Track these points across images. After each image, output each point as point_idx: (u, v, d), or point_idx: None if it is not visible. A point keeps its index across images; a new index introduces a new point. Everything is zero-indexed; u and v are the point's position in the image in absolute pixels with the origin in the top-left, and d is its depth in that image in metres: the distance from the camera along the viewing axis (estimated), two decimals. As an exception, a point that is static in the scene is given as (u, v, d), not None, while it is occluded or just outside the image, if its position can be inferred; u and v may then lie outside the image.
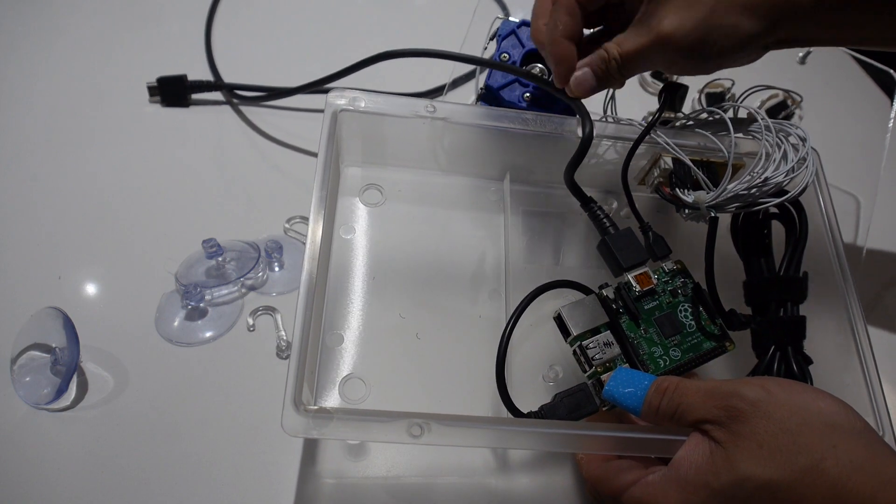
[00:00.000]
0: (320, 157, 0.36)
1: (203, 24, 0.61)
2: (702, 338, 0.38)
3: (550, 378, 0.38)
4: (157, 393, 0.39)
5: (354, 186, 0.42)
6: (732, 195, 0.37)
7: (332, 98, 0.38)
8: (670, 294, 0.39)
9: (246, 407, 0.39)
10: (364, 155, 0.42)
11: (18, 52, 0.58)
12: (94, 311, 0.42)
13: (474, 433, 0.30)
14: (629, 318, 0.38)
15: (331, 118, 0.37)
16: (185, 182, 0.50)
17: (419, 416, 0.29)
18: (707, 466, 0.29)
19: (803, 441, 0.28)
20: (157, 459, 0.36)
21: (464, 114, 0.39)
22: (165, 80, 0.54)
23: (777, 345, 0.38)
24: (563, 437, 0.31)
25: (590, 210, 0.40)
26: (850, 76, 0.69)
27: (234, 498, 0.35)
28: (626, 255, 0.38)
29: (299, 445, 0.37)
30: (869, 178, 0.56)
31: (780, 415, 0.28)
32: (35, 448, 0.36)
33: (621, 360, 0.36)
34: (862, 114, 0.67)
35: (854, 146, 0.62)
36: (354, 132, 0.40)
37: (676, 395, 0.31)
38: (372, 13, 0.66)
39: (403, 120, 0.39)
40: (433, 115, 0.38)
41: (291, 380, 0.30)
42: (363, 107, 0.38)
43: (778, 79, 0.49)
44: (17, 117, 0.53)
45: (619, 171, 0.40)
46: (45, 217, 0.46)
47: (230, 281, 0.43)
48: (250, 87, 0.55)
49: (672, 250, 0.39)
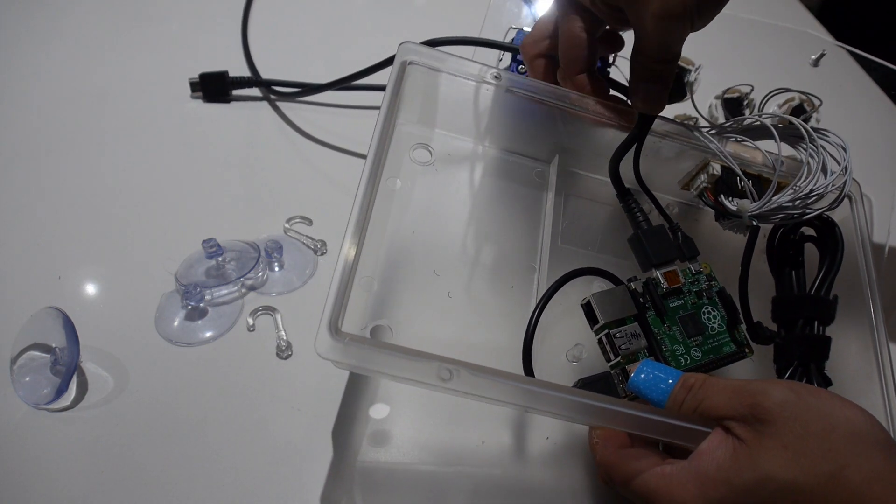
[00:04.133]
0: (383, 107, 0.35)
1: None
2: (723, 341, 0.38)
3: (574, 357, 0.37)
4: (157, 393, 0.39)
5: (406, 143, 0.42)
6: (776, 206, 0.37)
7: (403, 50, 0.37)
8: (695, 295, 0.39)
9: (246, 407, 0.38)
10: (420, 114, 0.41)
11: (19, 52, 0.58)
12: (94, 311, 0.42)
13: (501, 387, 0.30)
14: (654, 314, 0.38)
15: (399, 69, 0.37)
16: (185, 182, 0.50)
17: (450, 362, 0.29)
18: (729, 463, 0.28)
19: (828, 447, 0.27)
20: (157, 459, 0.36)
21: (528, 86, 0.39)
22: (208, 76, 0.56)
23: (800, 361, 0.38)
24: (589, 408, 0.31)
25: (625, 202, 0.40)
26: (860, 78, 0.69)
27: (234, 498, 0.35)
28: (656, 250, 0.39)
29: (301, 447, 0.37)
30: (882, 178, 0.56)
31: (807, 418, 0.28)
32: (35, 448, 0.36)
33: (645, 353, 0.37)
34: (873, 114, 0.67)
35: (867, 149, 0.62)
36: (417, 88, 0.39)
37: (702, 392, 0.31)
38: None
39: (467, 83, 0.38)
40: (497, 84, 0.38)
41: (330, 302, 0.29)
42: (431, 64, 0.38)
43: (790, 81, 0.49)
44: (18, 117, 0.53)
45: (671, 171, 0.40)
46: (45, 217, 0.46)
47: (230, 281, 0.43)
48: (277, 83, 0.56)
49: (700, 252, 0.40)
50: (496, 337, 0.37)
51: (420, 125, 0.42)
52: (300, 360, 0.41)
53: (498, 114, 0.41)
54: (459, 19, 0.67)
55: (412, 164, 0.41)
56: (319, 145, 0.55)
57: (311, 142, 0.55)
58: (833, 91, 0.56)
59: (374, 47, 0.64)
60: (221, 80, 0.55)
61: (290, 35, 0.64)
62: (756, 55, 0.67)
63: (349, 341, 0.29)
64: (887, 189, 0.53)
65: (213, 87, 0.55)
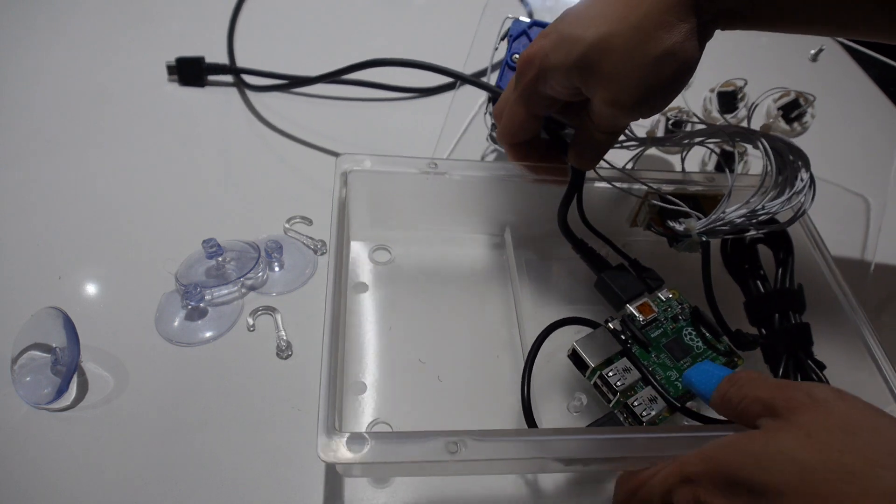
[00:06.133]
0: (333, 218, 0.38)
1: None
2: (711, 356, 0.39)
3: (575, 408, 0.38)
4: (157, 393, 0.39)
5: (364, 247, 0.45)
6: (725, 222, 0.39)
7: (341, 162, 0.40)
8: (672, 320, 0.40)
9: (246, 407, 0.39)
10: (371, 216, 0.44)
11: (18, 53, 0.58)
12: (94, 311, 0.42)
13: (512, 445, 0.30)
14: (639, 347, 0.39)
15: (340, 179, 0.40)
16: (185, 181, 0.50)
17: (453, 434, 0.30)
18: (741, 437, 0.27)
19: (861, 445, 0.25)
20: (157, 459, 0.36)
21: (463, 168, 0.42)
22: (183, 60, 0.57)
23: (787, 352, 0.38)
24: (605, 442, 0.31)
25: (582, 251, 0.42)
26: (857, 74, 0.69)
27: (234, 498, 0.35)
28: (623, 287, 0.41)
29: (301, 447, 0.37)
30: (878, 178, 0.56)
31: (846, 419, 0.26)
32: (35, 448, 0.36)
33: (641, 384, 0.37)
34: (870, 114, 0.67)
35: (862, 146, 0.62)
36: (361, 193, 0.42)
37: (747, 385, 0.30)
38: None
39: (408, 177, 0.41)
40: (435, 171, 0.41)
41: (323, 406, 0.30)
42: (369, 167, 0.41)
43: (788, 76, 0.50)
44: (18, 117, 0.53)
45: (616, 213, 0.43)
46: (46, 217, 0.46)
47: (230, 281, 0.43)
48: (261, 73, 0.57)
49: (664, 280, 0.42)
50: (494, 407, 0.38)
51: (374, 227, 0.45)
52: (300, 360, 0.41)
53: (445, 199, 0.43)
54: (455, 13, 0.67)
55: (374, 265, 0.44)
56: (320, 146, 0.55)
57: (312, 142, 0.55)
58: (830, 87, 0.57)
59: (367, 42, 0.64)
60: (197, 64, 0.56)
61: (276, 30, 0.64)
62: (755, 49, 0.68)
63: (350, 439, 0.29)
64: (881, 184, 0.54)
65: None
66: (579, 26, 0.34)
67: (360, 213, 0.43)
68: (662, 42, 0.33)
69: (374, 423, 0.37)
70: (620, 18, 0.33)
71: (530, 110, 0.39)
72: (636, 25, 0.33)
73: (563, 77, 0.35)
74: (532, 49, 0.37)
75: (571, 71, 0.35)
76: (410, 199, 0.43)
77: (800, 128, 0.50)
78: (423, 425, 0.31)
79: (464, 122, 0.54)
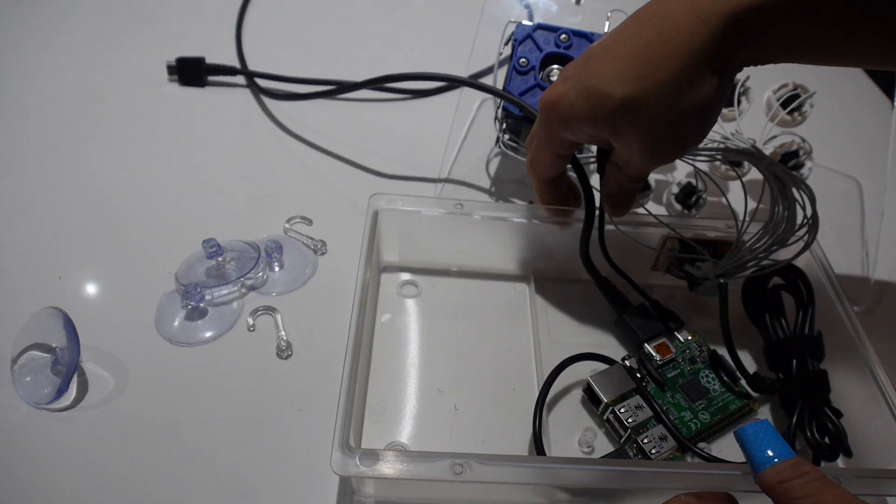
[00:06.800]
0: (362, 254, 0.39)
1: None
2: (728, 399, 0.40)
3: (586, 443, 0.39)
4: (157, 393, 0.39)
5: (393, 282, 0.46)
6: (739, 263, 0.40)
7: (374, 200, 0.42)
8: (690, 361, 0.41)
9: (246, 407, 0.39)
10: (401, 253, 0.46)
11: (18, 53, 0.58)
12: (94, 311, 0.42)
13: (512, 470, 0.31)
14: (655, 386, 0.39)
15: (372, 217, 0.41)
16: (185, 181, 0.50)
17: (460, 456, 0.31)
18: None
19: None
20: (157, 459, 0.36)
21: (487, 208, 0.44)
22: (183, 60, 0.57)
23: (803, 398, 0.38)
24: (607, 474, 0.32)
25: (603, 288, 0.43)
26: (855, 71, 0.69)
27: (234, 498, 0.35)
28: (642, 327, 0.41)
29: (301, 447, 0.37)
30: (872, 166, 0.57)
31: None
32: (35, 448, 0.36)
33: (653, 422, 0.37)
34: (866, 106, 0.67)
35: (855, 131, 0.63)
36: (392, 230, 0.44)
37: (814, 487, 0.27)
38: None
39: (435, 217, 0.43)
40: (462, 212, 0.43)
41: (340, 422, 0.31)
42: (399, 206, 0.43)
43: (787, 69, 0.50)
44: (18, 117, 0.53)
45: (639, 255, 0.44)
46: (46, 217, 0.46)
47: (230, 281, 0.43)
48: (265, 76, 0.57)
49: (684, 321, 0.43)
50: (506, 437, 0.39)
51: (403, 262, 0.47)
52: (300, 360, 0.41)
53: (470, 238, 0.45)
54: (456, 17, 0.67)
55: (400, 298, 0.45)
56: (320, 146, 0.55)
57: (312, 142, 0.55)
58: (828, 81, 0.57)
59: (373, 47, 0.64)
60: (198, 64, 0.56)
61: (283, 32, 0.64)
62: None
63: (363, 455, 0.30)
64: (878, 177, 0.54)
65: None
66: (605, 81, 0.34)
67: (389, 247, 0.45)
68: (694, 97, 0.33)
69: (391, 445, 0.38)
70: (648, 75, 0.33)
71: (555, 150, 0.39)
72: (666, 83, 0.33)
73: (589, 129, 0.36)
74: (555, 94, 0.37)
75: (599, 124, 0.35)
76: (437, 237, 0.45)
77: (800, 118, 0.51)
78: (435, 450, 0.32)
79: (466, 123, 0.55)
